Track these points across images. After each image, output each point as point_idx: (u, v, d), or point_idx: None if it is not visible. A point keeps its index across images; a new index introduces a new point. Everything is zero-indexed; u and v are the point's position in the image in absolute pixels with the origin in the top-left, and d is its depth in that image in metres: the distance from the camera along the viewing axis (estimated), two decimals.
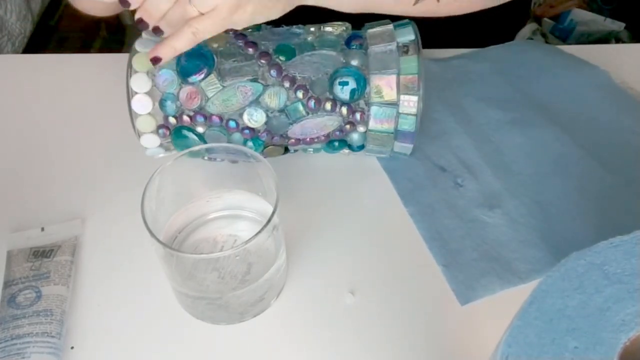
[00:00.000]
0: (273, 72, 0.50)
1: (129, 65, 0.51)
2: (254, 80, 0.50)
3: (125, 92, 0.51)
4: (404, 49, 0.51)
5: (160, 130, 0.53)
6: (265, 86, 0.51)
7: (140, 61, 0.50)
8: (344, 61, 0.51)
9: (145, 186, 0.44)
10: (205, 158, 0.52)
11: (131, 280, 0.51)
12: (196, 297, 0.47)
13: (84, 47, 1.48)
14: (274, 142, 0.54)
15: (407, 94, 0.51)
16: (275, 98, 0.51)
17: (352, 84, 0.51)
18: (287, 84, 0.50)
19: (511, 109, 0.63)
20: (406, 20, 0.53)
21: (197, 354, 0.47)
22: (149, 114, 0.51)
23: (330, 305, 0.49)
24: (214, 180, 0.52)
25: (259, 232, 0.42)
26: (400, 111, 0.52)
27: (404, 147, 0.55)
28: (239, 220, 0.52)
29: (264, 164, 0.46)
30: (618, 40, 1.28)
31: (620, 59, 0.71)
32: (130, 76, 0.50)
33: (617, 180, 0.56)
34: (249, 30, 0.51)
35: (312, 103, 0.51)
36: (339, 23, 0.54)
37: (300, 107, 0.52)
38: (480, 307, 0.49)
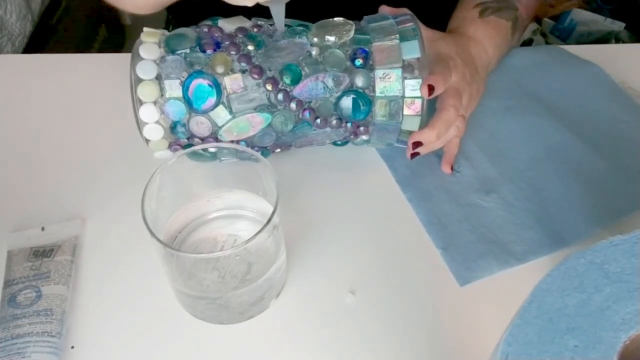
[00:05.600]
0: (280, 97, 0.50)
1: (134, 95, 0.50)
2: (262, 108, 0.50)
3: (129, 94, 0.51)
4: (409, 69, 0.51)
5: (173, 147, 0.53)
6: (274, 113, 0.51)
7: (146, 92, 0.49)
8: (349, 82, 0.51)
9: (146, 186, 0.44)
10: (222, 159, 0.53)
11: (131, 279, 0.51)
12: (196, 297, 0.47)
13: (84, 47, 1.48)
14: (281, 148, 0.56)
15: (410, 107, 0.52)
16: (284, 123, 0.52)
17: (358, 106, 0.52)
18: (294, 106, 0.51)
19: (505, 97, 0.65)
20: (410, 26, 0.52)
21: (197, 353, 0.47)
22: (162, 137, 0.52)
23: (330, 305, 0.49)
24: (214, 180, 0.53)
25: (259, 231, 0.42)
26: (405, 113, 0.53)
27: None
28: (239, 220, 0.52)
29: (264, 163, 0.46)
30: (618, 40, 1.28)
31: (620, 59, 0.71)
32: (139, 108, 0.50)
33: (608, 166, 0.58)
34: (252, 46, 0.50)
35: (318, 121, 0.52)
36: (342, 23, 0.52)
37: (308, 127, 0.53)
38: (480, 304, 0.49)
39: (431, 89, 0.50)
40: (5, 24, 1.26)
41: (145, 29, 0.53)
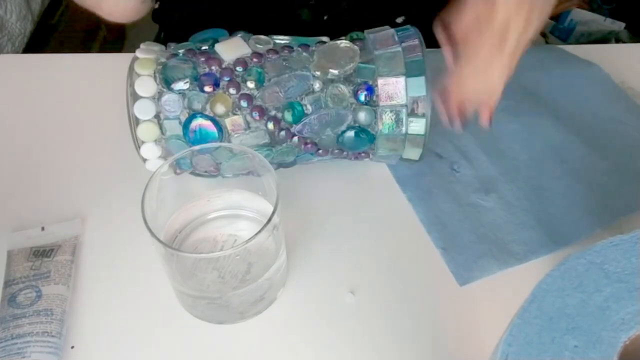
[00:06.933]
0: (282, 134, 0.50)
1: (134, 134, 0.49)
2: (265, 144, 0.50)
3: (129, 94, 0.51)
4: (413, 106, 0.50)
5: (177, 172, 0.53)
6: (276, 147, 0.51)
7: (146, 132, 0.49)
8: (352, 119, 0.50)
9: (146, 186, 0.44)
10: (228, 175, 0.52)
11: (131, 279, 0.51)
12: (196, 297, 0.47)
13: (84, 47, 1.48)
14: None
15: (412, 141, 0.52)
16: (286, 155, 0.51)
17: (360, 141, 0.51)
18: (296, 141, 0.51)
19: (505, 97, 0.64)
20: (417, 56, 0.50)
21: (197, 353, 0.47)
22: (159, 156, 0.52)
23: (330, 305, 0.49)
24: (214, 180, 0.53)
25: (259, 231, 0.42)
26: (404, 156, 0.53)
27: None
28: (239, 219, 0.52)
29: (264, 163, 0.46)
30: (618, 40, 1.28)
31: (620, 59, 0.71)
32: (139, 146, 0.50)
33: (608, 166, 0.58)
34: (253, 83, 0.49)
35: (320, 152, 0.52)
36: (346, 50, 0.50)
37: (310, 155, 0.53)
38: (480, 304, 0.49)
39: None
40: (5, 24, 1.26)
41: (138, 53, 0.51)
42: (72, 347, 0.47)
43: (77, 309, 0.49)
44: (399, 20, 0.70)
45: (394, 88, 0.50)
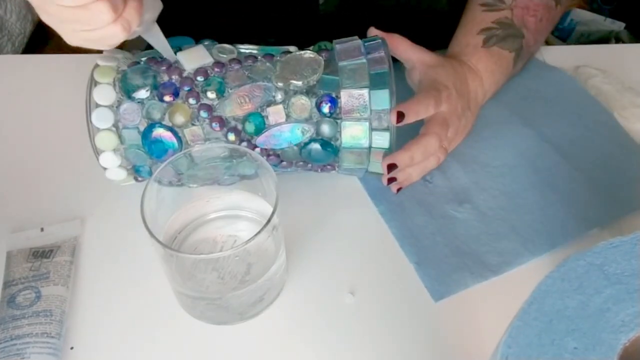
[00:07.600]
0: (244, 145, 0.49)
1: (93, 143, 0.49)
2: (224, 159, 0.49)
3: None
4: (377, 119, 0.49)
5: (139, 179, 0.53)
6: (238, 158, 0.49)
7: (104, 141, 0.49)
8: (314, 131, 0.50)
9: (145, 186, 0.44)
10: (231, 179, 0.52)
11: (131, 280, 0.51)
12: (196, 298, 0.47)
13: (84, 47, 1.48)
14: None
15: (376, 154, 0.51)
16: (247, 167, 0.49)
17: (323, 154, 0.51)
18: (257, 153, 0.49)
19: None
20: (383, 69, 0.49)
21: (197, 354, 0.47)
22: (127, 176, 0.52)
23: (330, 305, 0.49)
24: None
25: (259, 232, 0.42)
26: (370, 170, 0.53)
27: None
28: (238, 220, 0.52)
29: (263, 164, 0.46)
30: (618, 40, 1.28)
31: (620, 59, 0.71)
32: (98, 155, 0.50)
33: (580, 175, 0.57)
34: (213, 93, 0.48)
35: (284, 164, 0.52)
36: (310, 61, 0.49)
37: (273, 166, 0.51)
38: (480, 305, 0.49)
39: (400, 115, 0.48)
40: (5, 24, 1.26)
41: (99, 60, 0.50)
42: (72, 348, 0.47)
43: (77, 309, 0.49)
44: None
45: (357, 101, 0.49)
